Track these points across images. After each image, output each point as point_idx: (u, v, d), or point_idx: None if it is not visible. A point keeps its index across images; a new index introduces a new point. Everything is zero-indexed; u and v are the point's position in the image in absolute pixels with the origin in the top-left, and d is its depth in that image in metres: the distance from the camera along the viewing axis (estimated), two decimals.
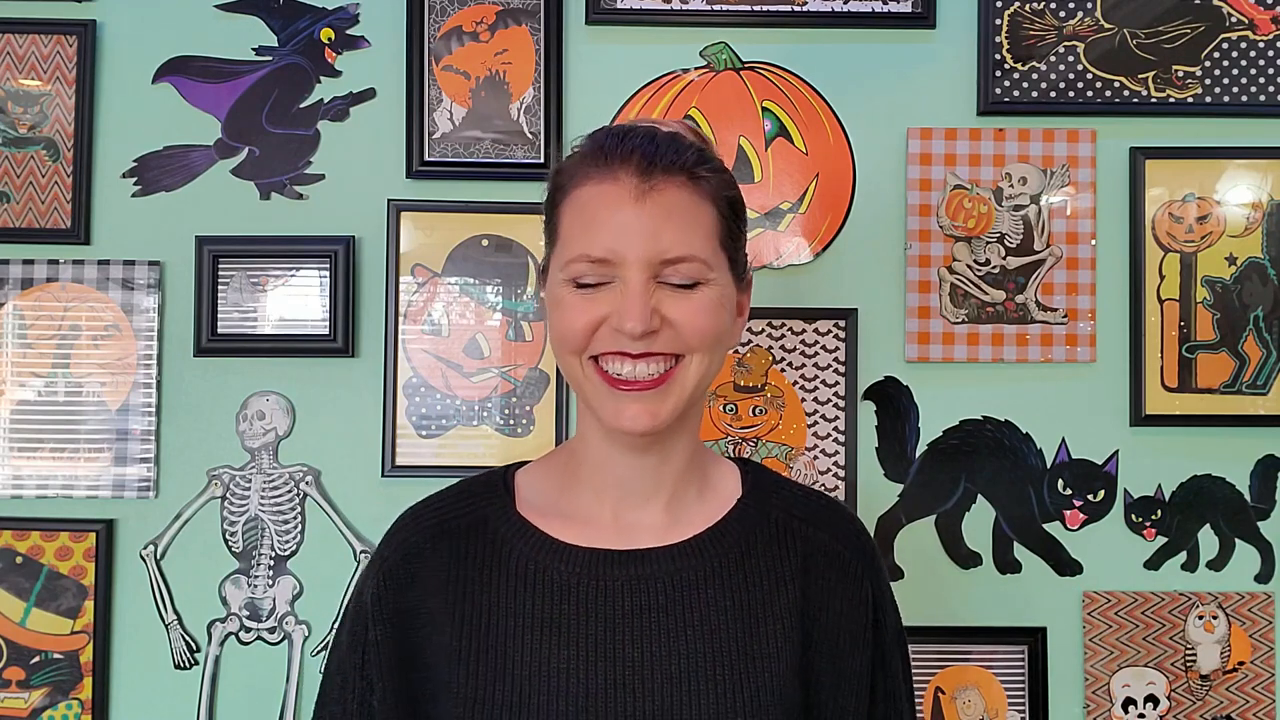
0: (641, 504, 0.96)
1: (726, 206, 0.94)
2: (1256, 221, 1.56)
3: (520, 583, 0.92)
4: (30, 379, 1.54)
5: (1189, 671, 1.54)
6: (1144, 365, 1.54)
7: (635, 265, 0.88)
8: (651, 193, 0.89)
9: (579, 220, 0.91)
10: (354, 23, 1.57)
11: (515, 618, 0.91)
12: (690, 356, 0.91)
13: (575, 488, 0.98)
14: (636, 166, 0.90)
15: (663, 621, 0.90)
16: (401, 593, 0.95)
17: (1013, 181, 1.55)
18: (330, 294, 1.53)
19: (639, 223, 0.89)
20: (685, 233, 0.90)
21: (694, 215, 0.91)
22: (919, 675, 1.52)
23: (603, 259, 0.89)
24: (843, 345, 1.55)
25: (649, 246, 0.88)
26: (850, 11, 1.55)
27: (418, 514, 0.99)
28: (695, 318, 0.90)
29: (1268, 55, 1.56)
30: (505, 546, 0.94)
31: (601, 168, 0.91)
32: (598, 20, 1.55)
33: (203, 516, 1.54)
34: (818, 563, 0.96)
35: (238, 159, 1.56)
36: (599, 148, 0.93)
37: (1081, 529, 1.55)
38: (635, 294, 0.88)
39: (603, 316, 0.89)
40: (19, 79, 1.56)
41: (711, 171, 0.93)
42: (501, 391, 1.54)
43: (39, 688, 1.52)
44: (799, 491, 1.02)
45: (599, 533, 0.95)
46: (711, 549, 0.94)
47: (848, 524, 1.02)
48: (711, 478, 1.00)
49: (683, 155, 0.91)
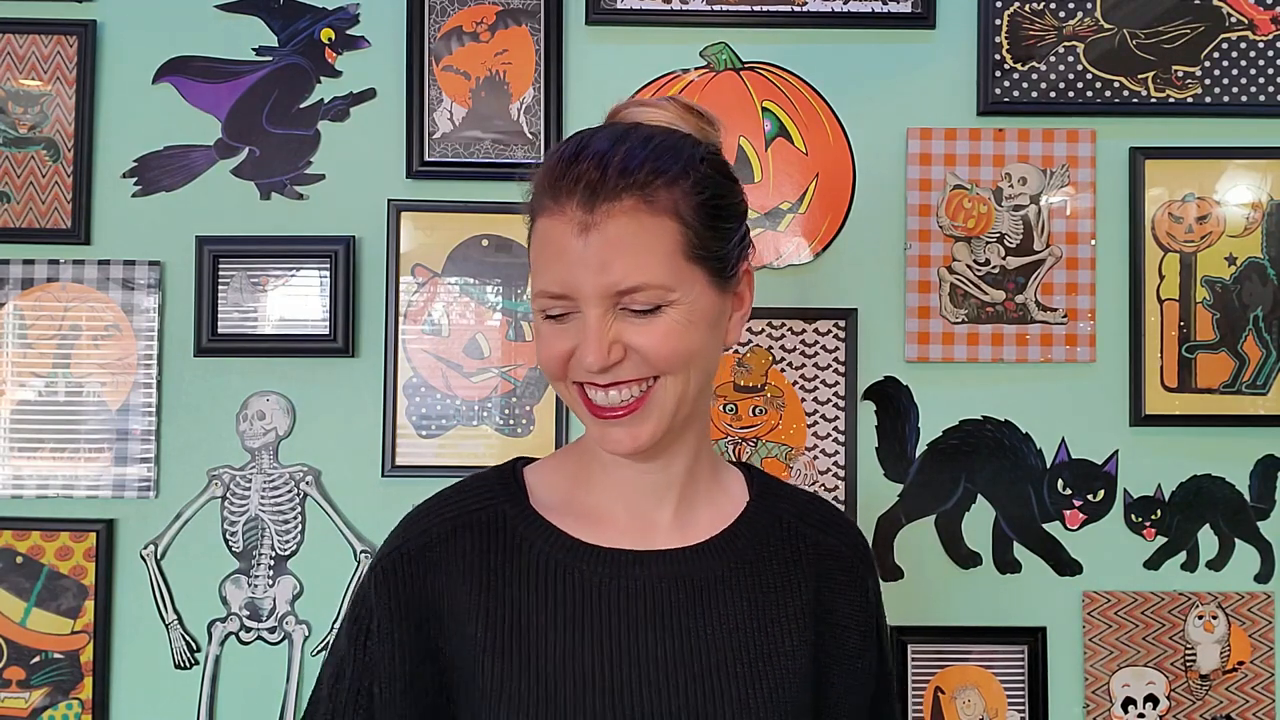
0: (655, 504, 0.96)
1: (694, 214, 0.88)
2: (1256, 221, 1.56)
3: (544, 580, 0.92)
4: (30, 379, 1.54)
5: (1189, 671, 1.54)
6: (1144, 365, 1.54)
7: (589, 301, 0.86)
8: (595, 227, 0.86)
9: (540, 255, 0.90)
10: (354, 23, 1.57)
11: (541, 613, 0.91)
12: (664, 378, 0.89)
13: (588, 486, 0.97)
14: (580, 198, 0.86)
15: (684, 621, 0.91)
16: (420, 580, 0.93)
17: (1012, 181, 1.56)
18: (330, 294, 1.53)
19: (586, 258, 0.86)
20: (637, 259, 0.86)
21: (646, 240, 0.87)
22: (919, 675, 1.52)
23: (561, 295, 0.88)
24: (843, 345, 1.55)
25: (599, 281, 0.86)
26: (850, 12, 1.56)
27: (435, 507, 0.97)
28: (659, 344, 0.87)
29: (1267, 55, 1.56)
30: (526, 544, 0.94)
31: (552, 198, 0.88)
32: (598, 20, 1.55)
33: (203, 516, 1.54)
34: (828, 566, 0.98)
35: (238, 159, 1.56)
36: (549, 172, 0.90)
37: (1081, 529, 1.55)
38: (591, 330, 0.86)
39: (572, 348, 0.88)
40: (19, 79, 1.56)
41: (669, 182, 0.87)
42: (501, 391, 1.54)
43: (39, 687, 1.52)
44: (802, 496, 1.04)
45: (616, 531, 0.95)
46: (727, 550, 0.95)
47: (849, 529, 1.04)
48: (721, 478, 1.01)
49: (632, 175, 0.86)
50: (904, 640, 1.52)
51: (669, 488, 0.96)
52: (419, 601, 0.93)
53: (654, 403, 0.89)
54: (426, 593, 0.93)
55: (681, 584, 0.92)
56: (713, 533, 0.96)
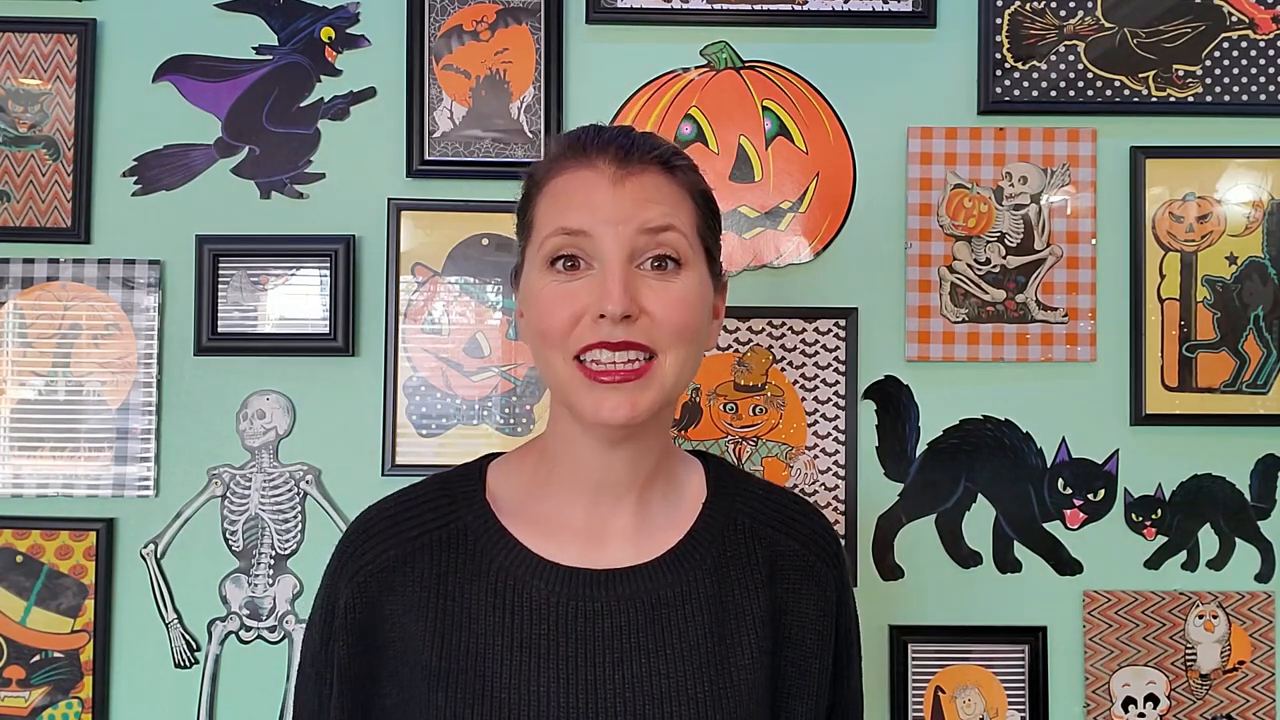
0: (614, 503, 0.95)
1: (702, 200, 0.96)
2: (1257, 221, 1.56)
3: (500, 599, 0.91)
4: (30, 378, 1.54)
5: (1189, 671, 1.54)
6: (1144, 365, 1.54)
7: (614, 242, 0.88)
8: (630, 177, 0.91)
9: (555, 205, 0.92)
10: (354, 22, 1.57)
11: (497, 636, 0.90)
12: (666, 354, 0.90)
13: (548, 488, 0.97)
14: (614, 155, 0.91)
15: (642, 642, 0.90)
16: (377, 606, 0.93)
17: (1013, 181, 1.55)
18: (330, 293, 1.53)
19: (617, 202, 0.90)
20: (667, 207, 0.91)
21: (673, 198, 0.93)
22: (919, 675, 1.52)
23: (580, 230, 0.89)
24: (843, 344, 1.55)
25: (629, 219, 0.89)
26: (851, 11, 1.55)
27: (397, 520, 0.96)
28: (672, 310, 0.90)
29: (1268, 54, 1.56)
30: (485, 556, 0.93)
31: (579, 158, 0.92)
32: (598, 19, 1.55)
33: (203, 515, 1.54)
34: (782, 567, 0.97)
35: (238, 158, 1.56)
36: (575, 141, 0.94)
37: (1082, 528, 1.55)
38: (614, 274, 0.88)
39: (582, 308, 0.89)
40: (19, 78, 1.56)
41: (687, 168, 0.95)
42: (502, 390, 1.54)
43: (39, 686, 1.52)
44: (762, 491, 1.02)
45: (572, 539, 0.94)
46: (685, 564, 0.94)
47: (814, 526, 1.02)
48: (677, 476, 1.00)
49: (659, 147, 0.94)
50: (904, 640, 1.52)
51: (629, 488, 0.95)
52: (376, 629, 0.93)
53: (655, 375, 0.90)
54: (384, 619, 0.93)
55: (640, 604, 0.92)
56: (670, 543, 0.95)
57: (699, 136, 1.56)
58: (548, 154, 0.96)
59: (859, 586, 1.51)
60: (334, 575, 0.97)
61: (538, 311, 0.91)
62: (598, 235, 0.89)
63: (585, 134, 0.94)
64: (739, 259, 1.55)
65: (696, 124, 1.56)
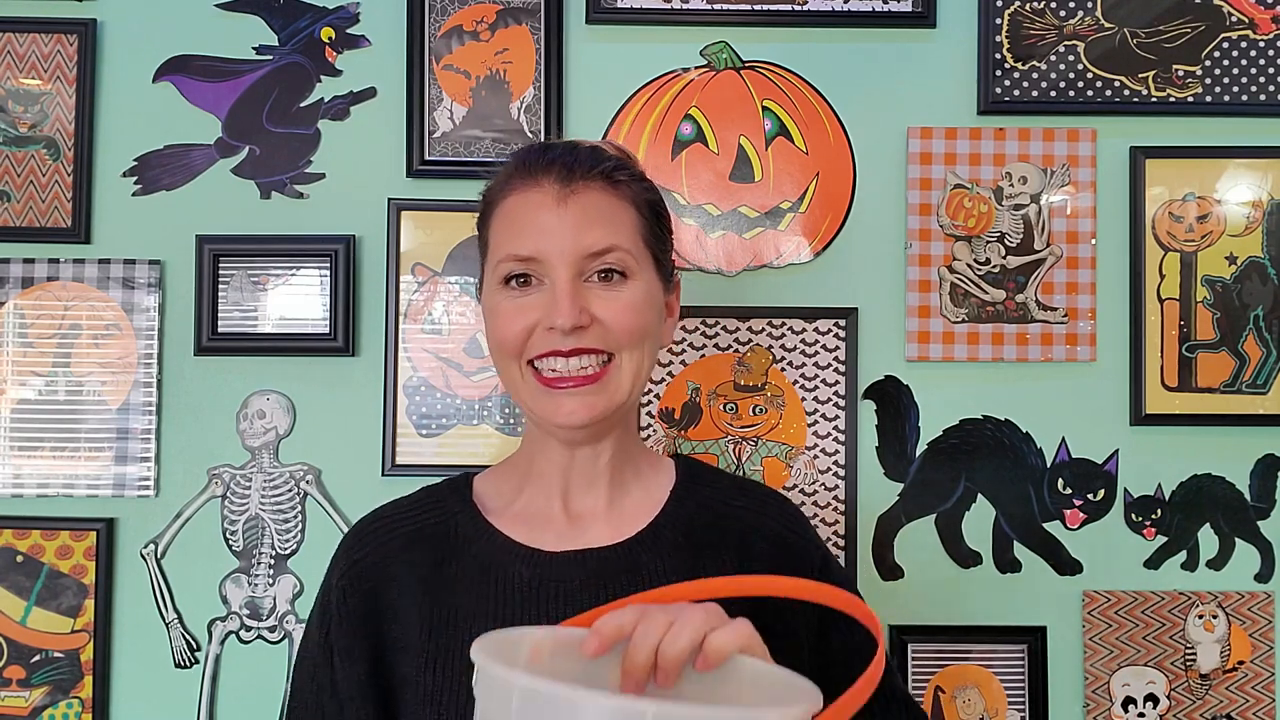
0: (585, 490, 1.01)
1: (648, 209, 1.00)
2: (1256, 221, 1.56)
3: (486, 585, 0.96)
4: (31, 378, 1.54)
5: (1189, 671, 1.54)
6: (1144, 365, 1.54)
7: (561, 263, 0.94)
8: (572, 196, 0.96)
9: (506, 227, 0.98)
10: (354, 22, 1.57)
11: (478, 619, 0.94)
12: (620, 355, 0.96)
13: (528, 488, 1.03)
14: (557, 174, 0.96)
15: None
16: (376, 594, 0.98)
17: (1013, 181, 1.55)
18: (330, 293, 1.53)
19: (562, 223, 0.95)
20: (608, 227, 0.96)
21: (615, 213, 0.97)
22: (919, 675, 1.52)
23: (530, 257, 0.95)
24: (843, 344, 1.55)
25: (573, 243, 0.94)
26: (850, 11, 1.55)
27: (390, 519, 1.03)
28: (622, 315, 0.95)
29: (1268, 55, 1.56)
30: (468, 544, 0.99)
31: (525, 178, 0.98)
32: (598, 19, 1.55)
33: (203, 515, 1.54)
34: (750, 539, 1.01)
35: (238, 158, 1.56)
36: (522, 162, 1.00)
37: (1081, 528, 1.55)
38: (563, 291, 0.94)
39: (535, 321, 0.95)
40: (19, 78, 1.56)
41: (630, 177, 1.00)
42: (502, 390, 1.54)
43: (39, 686, 1.52)
44: (727, 479, 1.08)
45: (552, 526, 1.00)
46: (656, 542, 0.99)
47: (777, 505, 1.06)
48: (648, 469, 1.05)
49: (601, 163, 0.98)
50: (904, 640, 1.52)
51: (598, 476, 1.01)
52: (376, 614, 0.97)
53: (611, 378, 0.96)
54: (382, 605, 0.97)
55: (620, 581, 0.95)
56: (642, 524, 1.00)
57: (699, 136, 1.56)
58: (500, 173, 1.02)
59: (859, 587, 1.51)
60: (332, 570, 1.02)
61: (495, 325, 0.98)
62: (545, 259, 0.95)
63: (531, 153, 1.00)
64: (739, 259, 1.55)
65: (696, 124, 1.56)
